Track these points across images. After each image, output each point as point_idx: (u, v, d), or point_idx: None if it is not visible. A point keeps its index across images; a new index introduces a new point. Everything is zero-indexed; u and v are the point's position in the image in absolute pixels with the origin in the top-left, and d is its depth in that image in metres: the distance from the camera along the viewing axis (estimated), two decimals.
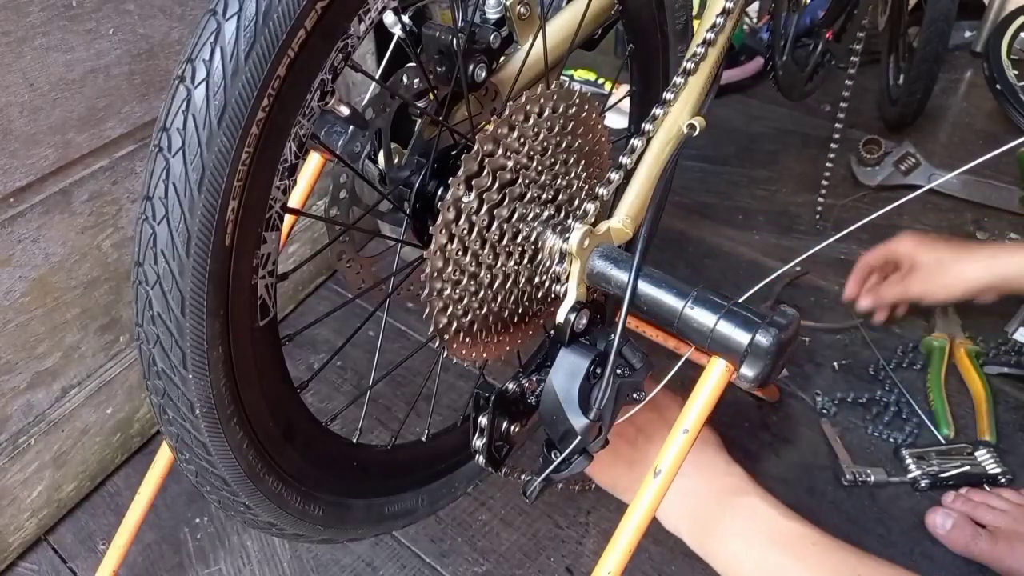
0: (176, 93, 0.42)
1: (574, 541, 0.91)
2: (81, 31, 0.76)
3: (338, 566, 0.90)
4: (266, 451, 0.54)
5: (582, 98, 0.62)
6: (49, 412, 0.90)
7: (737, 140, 1.56)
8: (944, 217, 1.35)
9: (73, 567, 0.92)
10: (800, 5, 1.03)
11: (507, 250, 0.61)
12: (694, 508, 0.71)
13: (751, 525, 0.68)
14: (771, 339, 0.54)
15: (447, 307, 0.59)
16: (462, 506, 0.95)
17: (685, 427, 0.57)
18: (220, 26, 0.41)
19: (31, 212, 0.80)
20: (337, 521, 0.63)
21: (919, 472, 0.94)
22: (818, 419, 1.03)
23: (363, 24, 0.47)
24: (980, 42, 1.78)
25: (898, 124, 1.53)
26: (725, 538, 0.69)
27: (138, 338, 0.48)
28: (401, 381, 1.11)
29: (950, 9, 1.32)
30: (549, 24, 0.69)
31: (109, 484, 1.00)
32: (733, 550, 0.68)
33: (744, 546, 0.68)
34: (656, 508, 0.58)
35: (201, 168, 0.42)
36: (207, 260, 0.44)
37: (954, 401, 1.03)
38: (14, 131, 0.74)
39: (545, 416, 0.62)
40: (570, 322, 0.60)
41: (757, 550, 0.67)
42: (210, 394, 0.48)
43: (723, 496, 0.71)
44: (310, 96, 0.46)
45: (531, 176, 0.60)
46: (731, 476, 0.72)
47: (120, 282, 0.92)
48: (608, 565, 0.58)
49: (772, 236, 1.32)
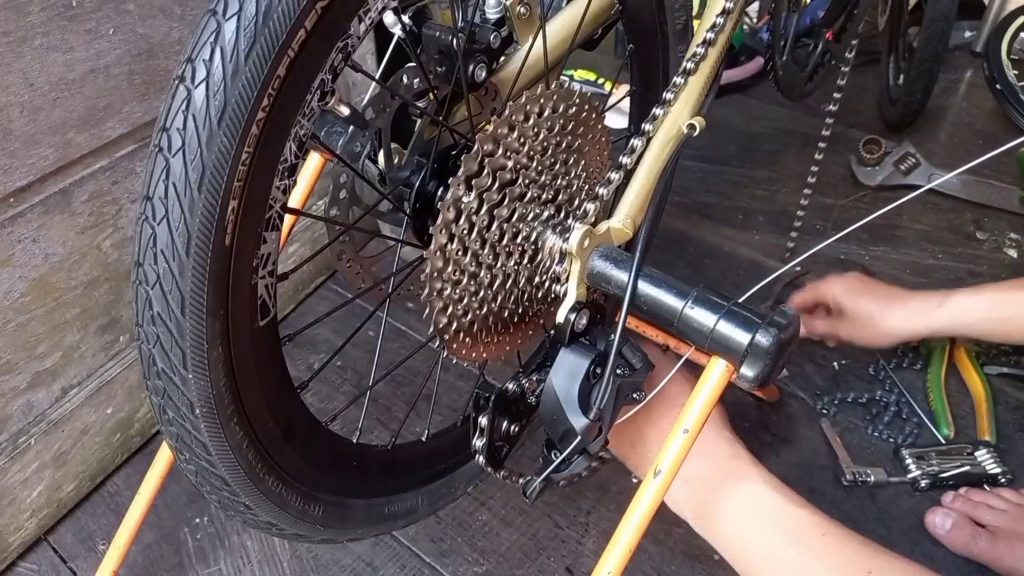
0: (176, 93, 0.42)
1: (574, 541, 0.91)
2: (81, 31, 0.76)
3: (338, 566, 0.90)
4: (266, 451, 0.54)
5: (582, 98, 0.62)
6: (49, 412, 0.90)
7: (737, 140, 1.56)
8: (944, 217, 1.35)
9: (73, 567, 0.92)
10: (800, 5, 1.03)
11: (507, 250, 0.61)
12: (698, 495, 0.69)
13: (756, 514, 0.66)
14: (771, 339, 0.54)
15: (447, 307, 0.59)
16: (462, 506, 0.95)
17: (685, 427, 0.57)
18: (220, 26, 0.41)
19: (31, 212, 0.80)
20: (337, 521, 0.63)
21: (919, 472, 0.94)
22: (818, 419, 1.03)
23: (363, 24, 0.47)
24: (980, 42, 1.78)
25: (898, 124, 1.53)
26: (730, 527, 0.67)
27: (138, 338, 0.48)
28: (401, 381, 1.11)
29: (950, 9, 1.32)
30: (549, 24, 0.69)
31: (109, 484, 1.00)
32: (739, 539, 0.66)
33: (750, 536, 0.66)
34: (656, 508, 0.58)
35: (201, 168, 0.42)
36: (207, 260, 0.44)
37: (954, 401, 1.03)
38: (14, 131, 0.74)
39: (545, 416, 0.62)
40: (570, 322, 0.60)
41: (764, 540, 0.65)
42: (210, 394, 0.48)
43: (726, 482, 0.68)
44: (310, 96, 0.46)
45: (531, 176, 0.60)
46: (734, 459, 0.69)
47: (120, 282, 0.92)
48: (608, 565, 0.58)
49: (772, 236, 1.32)
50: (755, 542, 0.65)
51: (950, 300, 0.95)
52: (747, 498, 0.67)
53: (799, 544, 0.63)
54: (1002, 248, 1.29)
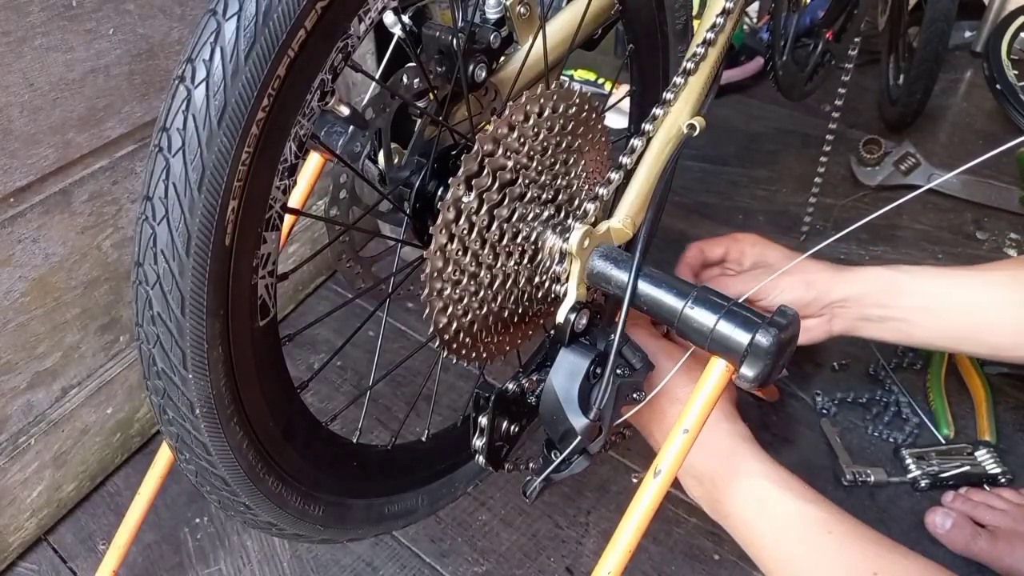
0: (176, 93, 0.42)
1: (574, 541, 0.91)
2: (81, 31, 0.76)
3: (338, 566, 0.90)
4: (266, 451, 0.54)
5: (582, 98, 0.62)
6: (49, 412, 0.90)
7: (737, 140, 1.56)
8: (944, 217, 1.35)
9: (73, 567, 0.92)
10: (800, 5, 1.03)
11: (507, 250, 0.61)
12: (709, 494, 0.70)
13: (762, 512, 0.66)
14: (771, 339, 0.54)
15: (447, 307, 0.59)
16: (462, 506, 0.95)
17: (685, 427, 0.57)
18: (220, 26, 0.41)
19: (31, 212, 0.80)
20: (337, 521, 0.63)
21: (919, 472, 0.94)
22: (818, 419, 1.03)
23: (363, 24, 0.47)
24: (980, 42, 1.78)
25: (898, 124, 1.53)
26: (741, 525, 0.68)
27: (138, 338, 0.48)
28: (401, 381, 1.11)
29: (950, 9, 1.32)
30: (549, 24, 0.69)
31: (109, 484, 1.00)
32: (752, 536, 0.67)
33: (759, 533, 0.66)
34: (656, 508, 0.58)
35: (201, 168, 0.42)
36: (207, 260, 0.44)
37: (954, 401, 1.03)
38: (14, 131, 0.74)
39: (545, 416, 0.62)
40: (570, 322, 0.60)
41: (772, 537, 0.65)
42: (210, 394, 0.48)
43: (732, 480, 0.68)
44: (310, 96, 0.46)
45: (531, 176, 0.60)
46: (736, 456, 0.69)
47: (120, 282, 0.92)
48: (608, 565, 0.58)
49: (772, 236, 1.31)
50: (764, 539, 0.66)
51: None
52: (753, 495, 0.67)
53: (805, 542, 0.63)
54: (1002, 248, 1.29)
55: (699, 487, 0.71)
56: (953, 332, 0.81)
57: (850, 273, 0.83)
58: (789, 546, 0.64)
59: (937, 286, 0.81)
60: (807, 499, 0.65)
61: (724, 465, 0.69)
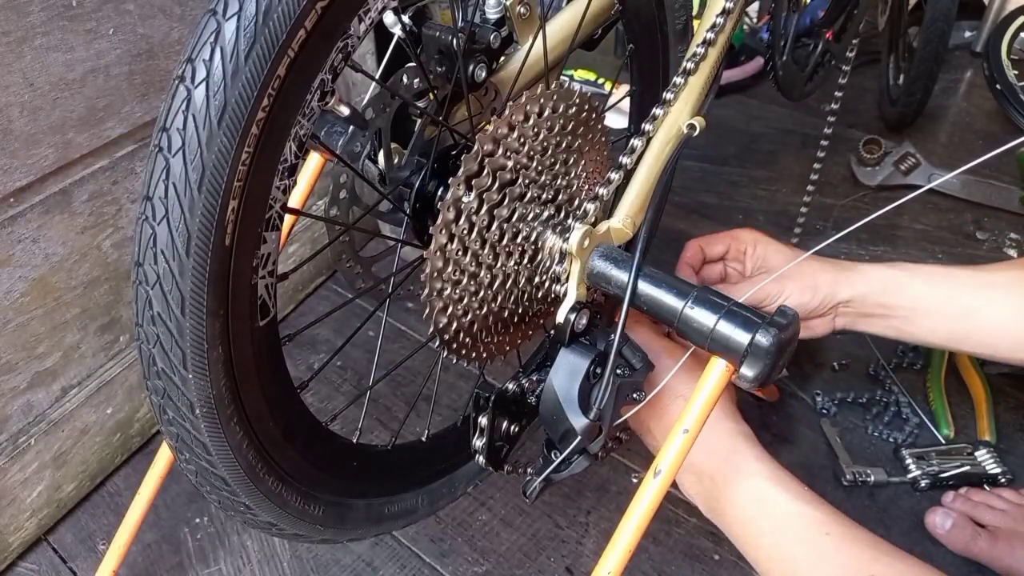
0: (176, 93, 0.42)
1: (574, 541, 0.91)
2: (81, 31, 0.76)
3: (338, 566, 0.90)
4: (266, 451, 0.54)
5: (582, 98, 0.62)
6: (49, 412, 0.90)
7: (737, 140, 1.56)
8: (944, 217, 1.35)
9: (73, 567, 0.92)
10: (800, 5, 1.03)
11: (507, 250, 0.61)
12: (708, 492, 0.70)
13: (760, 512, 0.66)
14: (771, 339, 0.54)
15: (447, 307, 0.59)
16: (462, 506, 0.95)
17: (685, 427, 0.57)
18: (220, 26, 0.41)
19: (31, 212, 0.80)
20: (337, 521, 0.63)
21: (919, 472, 0.94)
22: (818, 419, 1.03)
23: (363, 24, 0.47)
24: (980, 42, 1.78)
25: (898, 124, 1.53)
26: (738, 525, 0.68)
27: (138, 338, 0.48)
28: (401, 381, 1.11)
29: (950, 9, 1.32)
30: (549, 24, 0.69)
31: (109, 484, 1.00)
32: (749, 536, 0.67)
33: (757, 533, 0.66)
34: (656, 508, 0.58)
35: (201, 168, 0.42)
36: (207, 260, 0.44)
37: (954, 401, 1.03)
38: (14, 131, 0.74)
39: (545, 416, 0.62)
40: (570, 322, 0.60)
41: (769, 538, 0.65)
42: (210, 394, 0.48)
43: (731, 480, 0.68)
44: (310, 96, 0.46)
45: (531, 176, 0.60)
46: (736, 455, 0.69)
47: (120, 282, 0.92)
48: (608, 565, 0.58)
49: (772, 236, 1.32)
50: (761, 539, 0.66)
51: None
52: (751, 495, 0.67)
53: (803, 543, 0.63)
54: (1002, 248, 1.29)
55: (697, 484, 0.70)
56: (953, 332, 0.81)
57: (853, 274, 0.83)
58: (787, 546, 0.64)
59: (939, 286, 0.81)
60: (806, 500, 0.65)
61: (724, 463, 0.69)
